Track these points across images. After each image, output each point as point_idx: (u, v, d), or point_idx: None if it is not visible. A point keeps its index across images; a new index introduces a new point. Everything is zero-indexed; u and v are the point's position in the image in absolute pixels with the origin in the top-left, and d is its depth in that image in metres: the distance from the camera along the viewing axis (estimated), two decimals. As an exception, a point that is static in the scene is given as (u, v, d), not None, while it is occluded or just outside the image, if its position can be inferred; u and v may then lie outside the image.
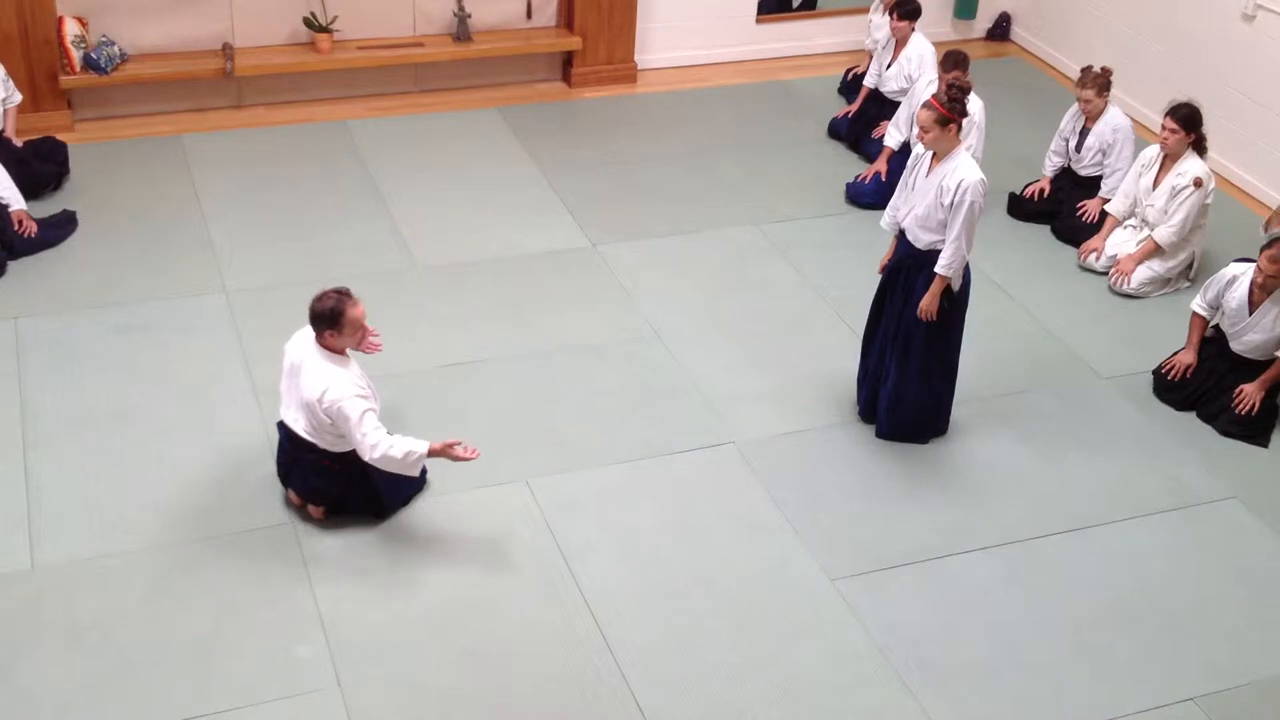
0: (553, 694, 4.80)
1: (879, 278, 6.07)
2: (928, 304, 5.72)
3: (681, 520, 5.59)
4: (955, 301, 5.80)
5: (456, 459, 5.15)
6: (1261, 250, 6.21)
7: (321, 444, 5.26)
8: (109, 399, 6.06)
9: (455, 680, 4.82)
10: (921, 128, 5.54)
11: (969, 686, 4.93)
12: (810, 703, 4.83)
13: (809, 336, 6.83)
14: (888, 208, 6.00)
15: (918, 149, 5.80)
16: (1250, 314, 6.27)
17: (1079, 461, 6.09)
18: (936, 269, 5.65)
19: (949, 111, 5.47)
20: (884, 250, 5.99)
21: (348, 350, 5.22)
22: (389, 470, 5.15)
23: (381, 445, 5.06)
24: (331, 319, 5.07)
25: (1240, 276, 6.33)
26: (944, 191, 5.55)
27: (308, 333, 5.25)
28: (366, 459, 5.10)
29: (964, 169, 5.55)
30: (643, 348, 6.66)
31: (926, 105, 5.51)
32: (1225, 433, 6.30)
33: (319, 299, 5.11)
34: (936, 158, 5.64)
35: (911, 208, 5.74)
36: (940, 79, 7.59)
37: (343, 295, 5.11)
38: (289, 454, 5.37)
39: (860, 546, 5.52)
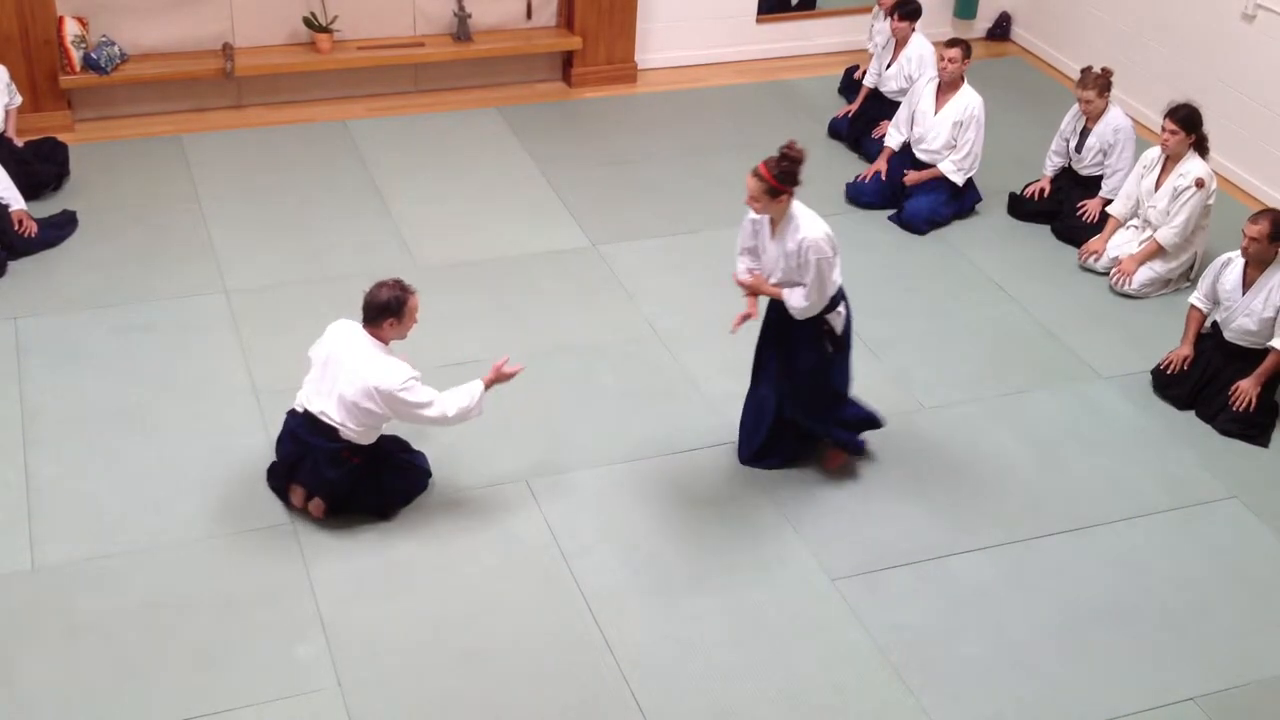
0: (553, 694, 4.80)
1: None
2: (756, 284, 5.52)
3: (681, 520, 5.59)
4: (837, 342, 5.59)
5: (510, 376, 5.36)
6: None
7: (347, 433, 5.27)
8: (109, 399, 6.06)
9: (455, 680, 4.82)
10: (750, 195, 5.24)
11: (969, 686, 4.93)
12: (810, 703, 4.83)
13: (809, 336, 6.82)
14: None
15: (750, 215, 5.48)
16: (1244, 294, 6.30)
17: (1079, 461, 6.09)
18: (790, 308, 5.42)
19: (779, 183, 5.18)
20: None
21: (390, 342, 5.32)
22: (468, 420, 5.32)
23: (453, 403, 5.25)
24: (395, 308, 5.19)
25: (1235, 258, 6.42)
26: (789, 255, 5.35)
27: (346, 325, 5.31)
28: (446, 425, 5.29)
29: (804, 228, 5.29)
30: (643, 348, 6.66)
31: (755, 173, 5.19)
32: (1225, 431, 6.30)
33: (379, 289, 5.21)
34: (775, 221, 5.39)
35: (769, 272, 5.50)
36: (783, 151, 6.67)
37: (403, 286, 5.24)
38: (300, 444, 5.34)
39: (860, 546, 5.52)
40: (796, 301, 5.39)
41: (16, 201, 6.99)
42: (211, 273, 7.01)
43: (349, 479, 5.35)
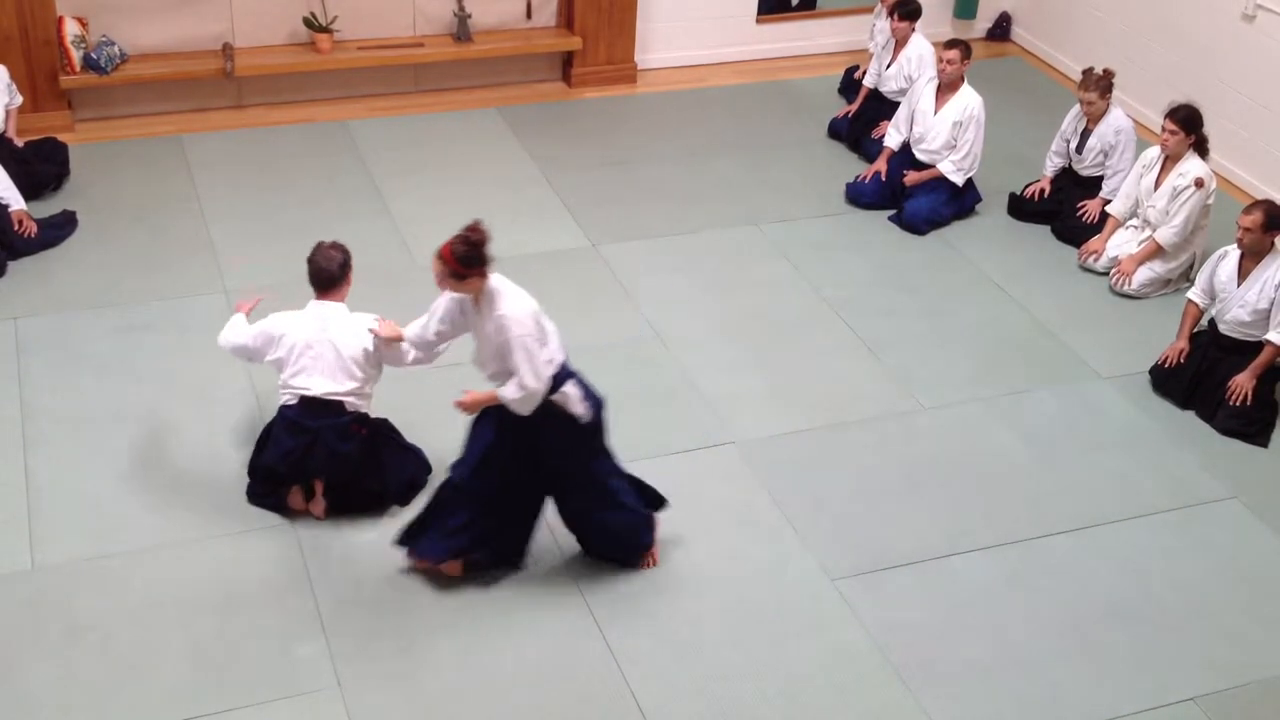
0: (553, 694, 4.80)
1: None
2: (473, 400, 5.02)
3: (682, 520, 5.58)
4: (591, 429, 5.09)
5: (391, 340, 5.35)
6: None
7: (353, 403, 5.35)
8: (109, 399, 6.06)
9: (455, 680, 4.82)
10: (436, 278, 4.87)
11: (969, 686, 4.93)
12: (810, 703, 4.83)
13: (809, 336, 6.83)
14: None
15: (445, 294, 5.07)
16: (1239, 285, 6.32)
17: (1079, 461, 6.09)
18: (507, 402, 4.90)
19: (461, 267, 4.76)
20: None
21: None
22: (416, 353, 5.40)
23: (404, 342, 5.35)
24: (349, 261, 5.39)
25: (1231, 251, 6.47)
26: (489, 337, 4.92)
27: (291, 315, 5.38)
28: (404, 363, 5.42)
29: (503, 304, 4.85)
30: (643, 348, 6.66)
31: (438, 255, 4.79)
32: (1225, 430, 6.30)
33: (330, 253, 5.35)
34: (477, 300, 4.96)
35: (482, 362, 5.03)
36: (464, 233, 5.21)
37: (336, 243, 5.41)
38: (305, 433, 5.34)
39: (860, 546, 5.52)
40: (510, 394, 4.84)
41: (16, 201, 6.99)
42: (211, 273, 7.01)
43: (359, 451, 5.39)
